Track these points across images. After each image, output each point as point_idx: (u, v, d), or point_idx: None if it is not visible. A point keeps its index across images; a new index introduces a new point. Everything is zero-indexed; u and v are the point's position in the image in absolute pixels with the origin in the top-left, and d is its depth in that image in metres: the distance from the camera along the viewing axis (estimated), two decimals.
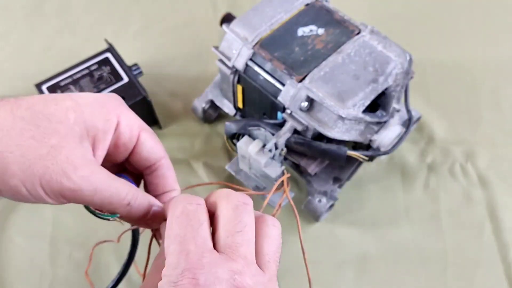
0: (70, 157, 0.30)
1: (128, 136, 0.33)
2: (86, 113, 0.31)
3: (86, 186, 0.30)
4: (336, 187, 0.57)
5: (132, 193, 0.33)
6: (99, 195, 0.31)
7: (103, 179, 0.31)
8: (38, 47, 0.74)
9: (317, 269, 0.54)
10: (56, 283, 0.55)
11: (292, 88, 0.49)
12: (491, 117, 0.66)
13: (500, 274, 0.55)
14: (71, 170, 0.29)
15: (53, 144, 0.29)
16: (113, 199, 0.32)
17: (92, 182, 0.30)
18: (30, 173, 0.29)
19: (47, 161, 0.29)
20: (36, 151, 0.29)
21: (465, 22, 0.75)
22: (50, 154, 0.29)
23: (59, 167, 0.29)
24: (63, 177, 0.29)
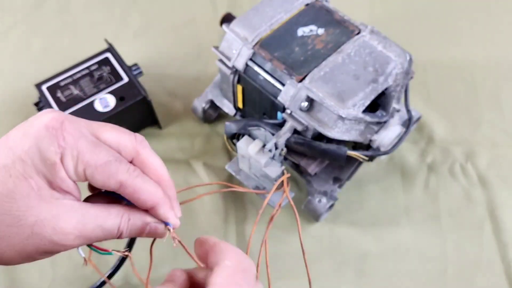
0: (56, 227, 0.31)
1: (74, 175, 0.32)
2: (36, 163, 0.31)
3: (80, 242, 0.32)
4: (336, 187, 0.57)
5: (123, 223, 0.33)
6: (92, 240, 0.32)
7: (93, 228, 0.32)
8: (38, 47, 0.74)
9: (317, 269, 0.55)
10: (56, 283, 0.55)
11: (292, 88, 0.49)
12: (491, 117, 0.66)
13: (500, 274, 0.55)
14: (64, 239, 0.31)
15: (33, 223, 0.30)
16: (106, 237, 0.33)
17: (85, 236, 0.32)
18: (24, 253, 0.31)
19: (34, 239, 0.30)
20: (20, 235, 0.30)
21: (465, 22, 0.75)
22: (34, 234, 0.30)
23: (50, 242, 0.31)
24: (57, 246, 0.31)
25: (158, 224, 0.34)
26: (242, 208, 0.60)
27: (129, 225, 0.33)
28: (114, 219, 0.33)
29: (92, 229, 0.32)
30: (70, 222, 0.31)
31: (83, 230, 0.32)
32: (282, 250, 0.56)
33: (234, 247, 0.33)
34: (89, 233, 0.32)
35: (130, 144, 0.35)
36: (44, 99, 0.59)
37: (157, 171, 0.35)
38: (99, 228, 0.32)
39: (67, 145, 0.31)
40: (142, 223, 0.34)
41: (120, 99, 0.59)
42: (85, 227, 0.32)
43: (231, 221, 0.59)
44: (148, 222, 0.34)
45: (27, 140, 0.31)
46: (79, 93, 0.60)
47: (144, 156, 0.35)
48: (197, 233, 0.58)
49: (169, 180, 0.36)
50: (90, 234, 0.32)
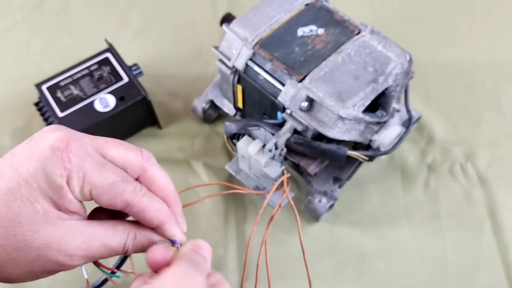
0: (62, 249, 0.31)
1: (80, 196, 0.32)
2: (25, 191, 0.30)
3: (85, 261, 0.32)
4: (336, 187, 0.57)
5: (129, 241, 0.33)
6: (97, 257, 0.33)
7: (99, 247, 0.32)
8: (38, 47, 0.74)
9: (317, 269, 0.55)
10: (56, 283, 0.55)
11: (292, 88, 0.49)
12: (491, 117, 0.66)
13: (500, 274, 0.55)
14: (69, 261, 0.31)
15: (39, 246, 0.30)
16: (112, 253, 0.33)
17: (89, 256, 0.32)
18: (31, 275, 0.31)
19: (40, 262, 0.31)
20: (27, 258, 0.31)
21: (465, 22, 0.75)
22: (40, 256, 0.31)
23: (55, 263, 0.31)
24: (63, 267, 0.32)
25: (161, 248, 0.34)
26: (242, 208, 0.60)
27: (134, 243, 0.33)
28: (120, 238, 0.33)
29: (98, 248, 0.32)
30: (75, 243, 0.31)
31: (88, 250, 0.32)
32: (282, 250, 0.56)
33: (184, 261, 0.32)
34: (94, 253, 0.32)
35: (136, 161, 0.35)
36: (44, 99, 0.60)
37: (164, 188, 0.35)
38: (105, 247, 0.33)
39: (73, 167, 0.31)
40: (148, 242, 0.34)
41: (120, 99, 0.59)
42: (90, 247, 0.32)
43: (231, 221, 0.59)
44: (154, 240, 0.34)
45: (33, 161, 0.31)
46: (79, 93, 0.60)
47: (150, 173, 0.35)
48: (197, 233, 0.59)
49: (175, 196, 0.36)
50: (95, 254, 0.32)
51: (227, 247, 0.57)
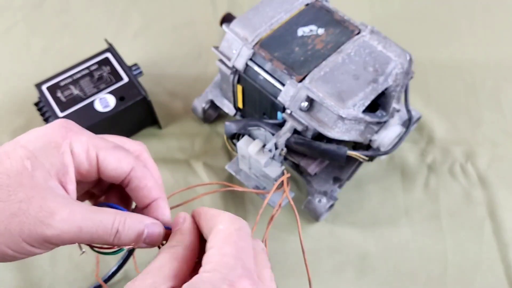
0: (44, 206, 0.29)
1: (86, 162, 0.33)
2: (40, 155, 0.31)
3: (69, 227, 0.30)
4: (336, 187, 0.57)
5: (119, 220, 0.32)
6: (85, 232, 0.30)
7: (84, 215, 0.31)
8: (38, 47, 0.74)
9: (317, 269, 0.55)
10: (56, 283, 0.55)
11: (292, 88, 0.49)
12: (491, 117, 0.66)
13: (500, 274, 0.55)
14: (49, 217, 0.29)
15: (21, 199, 0.29)
16: (100, 231, 0.31)
17: (73, 221, 0.30)
18: (8, 234, 0.29)
19: (20, 216, 0.29)
20: (6, 211, 0.29)
21: (465, 22, 0.75)
22: (21, 210, 0.29)
23: (35, 219, 0.29)
24: (42, 226, 0.29)
25: (156, 226, 0.34)
26: (242, 208, 0.60)
27: (126, 225, 0.32)
28: (108, 214, 0.32)
29: (82, 217, 0.30)
30: (59, 204, 0.30)
31: (72, 216, 0.30)
32: (282, 250, 0.56)
33: (223, 211, 0.33)
34: (78, 221, 0.30)
35: (133, 144, 0.36)
36: (44, 99, 0.60)
37: (157, 173, 0.36)
38: (90, 219, 0.31)
39: (76, 134, 0.32)
40: (139, 224, 0.33)
41: (120, 99, 0.59)
42: (74, 213, 0.30)
43: None
44: (146, 223, 0.33)
45: (37, 136, 0.32)
46: (79, 93, 0.60)
47: (145, 156, 0.36)
48: None
49: (162, 185, 0.36)
50: (80, 223, 0.30)
51: None
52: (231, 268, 0.28)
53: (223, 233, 0.31)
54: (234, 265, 0.29)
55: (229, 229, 0.31)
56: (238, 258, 0.29)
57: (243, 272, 0.29)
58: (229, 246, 0.30)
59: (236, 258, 0.29)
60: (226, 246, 0.30)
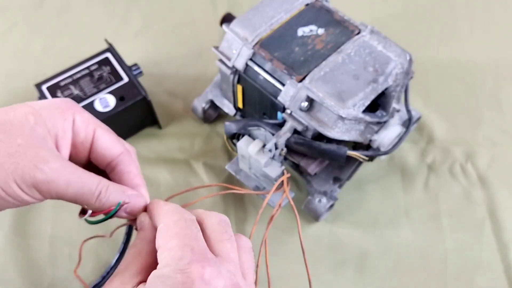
0: (39, 153, 0.31)
1: (84, 133, 0.35)
2: (44, 114, 0.33)
3: (59, 177, 0.32)
4: (336, 187, 0.57)
5: (103, 184, 0.34)
6: (72, 188, 0.32)
7: (74, 171, 0.33)
8: (38, 47, 0.74)
9: (317, 269, 0.55)
10: (56, 283, 0.55)
11: (292, 88, 0.49)
12: (491, 117, 0.66)
13: (500, 274, 0.55)
14: (42, 163, 0.31)
15: (19, 143, 0.31)
16: (85, 190, 0.33)
17: (63, 173, 0.32)
18: (1, 173, 0.30)
19: (16, 158, 0.31)
20: (3, 151, 0.31)
21: (465, 22, 0.75)
22: (18, 152, 0.31)
23: (30, 162, 0.31)
24: (35, 170, 0.31)
25: (138, 197, 0.36)
26: (242, 208, 0.60)
27: (108, 190, 0.34)
28: (94, 177, 0.34)
29: (71, 172, 0.32)
30: (53, 157, 0.32)
31: (63, 168, 0.32)
32: (282, 250, 0.56)
33: (165, 205, 0.35)
34: (67, 175, 0.32)
35: (125, 142, 0.38)
36: (44, 99, 0.59)
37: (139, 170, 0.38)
38: (78, 176, 0.33)
39: (80, 109, 0.35)
40: (121, 193, 0.35)
41: (120, 99, 0.59)
42: (65, 166, 0.32)
43: (231, 221, 0.58)
44: (128, 193, 0.35)
45: (46, 102, 0.35)
46: (79, 93, 0.60)
47: (134, 154, 0.38)
48: None
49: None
50: (69, 177, 0.32)
51: None
52: (180, 258, 0.30)
53: (164, 231, 0.32)
54: (182, 254, 0.30)
55: (168, 225, 0.32)
56: (183, 246, 0.30)
57: (192, 257, 0.30)
58: (172, 239, 0.31)
59: (182, 247, 0.30)
60: (170, 241, 0.31)
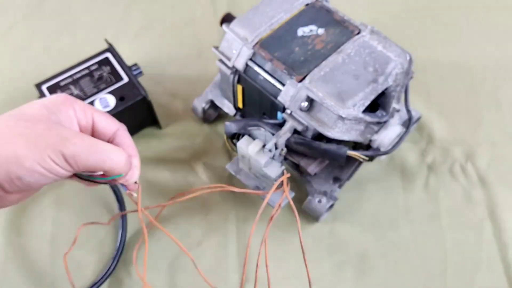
0: (62, 133, 0.36)
1: (84, 119, 0.40)
2: (52, 107, 0.38)
3: (82, 149, 0.36)
4: (336, 187, 0.57)
5: (120, 151, 0.39)
6: (93, 156, 0.36)
7: (93, 142, 0.37)
8: (38, 47, 0.74)
9: (317, 269, 0.55)
10: (56, 283, 0.55)
11: (292, 88, 0.49)
12: (491, 117, 0.66)
13: (500, 274, 0.55)
14: (67, 139, 0.35)
15: (43, 128, 0.36)
16: (103, 156, 0.37)
17: (85, 145, 0.36)
18: (37, 151, 0.34)
19: (45, 137, 0.35)
20: (33, 134, 0.35)
21: (465, 22, 0.75)
22: (45, 132, 0.36)
23: (57, 140, 0.35)
24: (62, 145, 0.35)
25: (137, 170, 0.41)
26: (242, 208, 0.60)
27: (123, 156, 0.39)
28: (109, 145, 0.39)
29: (90, 144, 0.37)
30: (71, 133, 0.37)
31: (82, 142, 0.36)
32: (282, 250, 0.56)
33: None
34: (88, 146, 0.36)
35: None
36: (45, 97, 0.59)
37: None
38: (97, 146, 0.37)
39: (76, 100, 0.40)
40: (128, 161, 0.40)
41: (120, 99, 0.59)
42: (84, 139, 0.37)
43: (231, 221, 0.59)
44: (134, 164, 0.41)
45: (48, 98, 0.40)
46: (79, 93, 0.60)
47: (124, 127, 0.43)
48: (197, 233, 0.58)
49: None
50: (90, 148, 0.36)
51: (227, 247, 0.57)
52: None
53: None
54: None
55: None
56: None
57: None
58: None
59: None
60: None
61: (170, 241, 0.49)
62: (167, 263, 0.56)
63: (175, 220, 0.59)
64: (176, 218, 0.59)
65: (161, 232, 0.53)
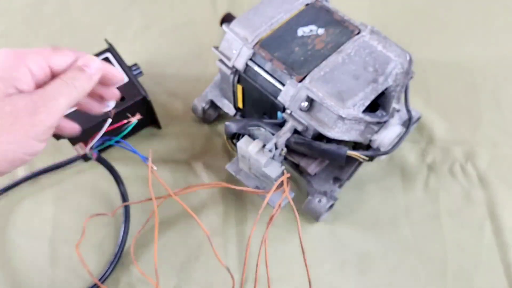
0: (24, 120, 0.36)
1: (42, 71, 0.39)
2: (5, 76, 0.37)
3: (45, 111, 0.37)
4: (336, 187, 0.57)
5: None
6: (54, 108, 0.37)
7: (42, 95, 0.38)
8: (38, 47, 0.73)
9: (317, 269, 0.55)
10: (56, 283, 0.55)
11: (292, 88, 0.49)
12: (491, 117, 0.66)
13: (500, 274, 0.55)
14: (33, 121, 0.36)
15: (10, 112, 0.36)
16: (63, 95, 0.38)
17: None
18: (19, 138, 0.36)
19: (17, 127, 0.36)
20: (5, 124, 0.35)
21: (465, 22, 0.75)
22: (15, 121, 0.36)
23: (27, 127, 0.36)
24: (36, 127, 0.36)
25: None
26: (242, 208, 0.60)
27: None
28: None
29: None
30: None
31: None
32: (282, 250, 0.57)
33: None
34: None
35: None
36: None
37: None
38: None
39: (28, 53, 0.39)
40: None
41: (120, 99, 0.59)
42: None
43: (231, 221, 0.59)
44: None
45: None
46: None
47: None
48: (197, 233, 0.58)
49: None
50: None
51: (227, 247, 0.57)
52: None
53: None
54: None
55: None
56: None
57: None
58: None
59: None
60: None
61: (171, 238, 0.48)
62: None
63: (175, 220, 0.59)
64: (176, 218, 0.59)
65: (160, 231, 0.53)
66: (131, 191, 0.60)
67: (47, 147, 0.38)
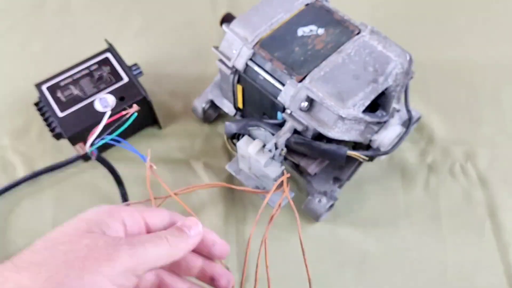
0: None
1: (136, 226, 0.37)
2: (100, 225, 0.35)
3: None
4: (336, 187, 0.57)
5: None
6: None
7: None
8: (38, 47, 0.74)
9: (317, 269, 0.54)
10: None
11: (292, 88, 0.49)
12: (491, 117, 0.66)
13: (500, 274, 0.55)
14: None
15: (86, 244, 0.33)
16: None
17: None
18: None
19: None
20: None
21: (465, 22, 0.75)
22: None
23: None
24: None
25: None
26: (242, 208, 0.60)
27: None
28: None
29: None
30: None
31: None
32: (282, 250, 0.56)
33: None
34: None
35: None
36: (44, 99, 0.60)
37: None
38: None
39: (123, 209, 0.37)
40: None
41: (120, 99, 0.59)
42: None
43: (231, 221, 0.59)
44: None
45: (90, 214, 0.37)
46: (79, 93, 0.60)
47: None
48: None
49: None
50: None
51: None
52: None
53: None
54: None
55: None
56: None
57: None
58: None
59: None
60: None
61: None
62: None
63: None
64: None
65: None
66: (131, 191, 0.60)
67: (47, 147, 0.37)
